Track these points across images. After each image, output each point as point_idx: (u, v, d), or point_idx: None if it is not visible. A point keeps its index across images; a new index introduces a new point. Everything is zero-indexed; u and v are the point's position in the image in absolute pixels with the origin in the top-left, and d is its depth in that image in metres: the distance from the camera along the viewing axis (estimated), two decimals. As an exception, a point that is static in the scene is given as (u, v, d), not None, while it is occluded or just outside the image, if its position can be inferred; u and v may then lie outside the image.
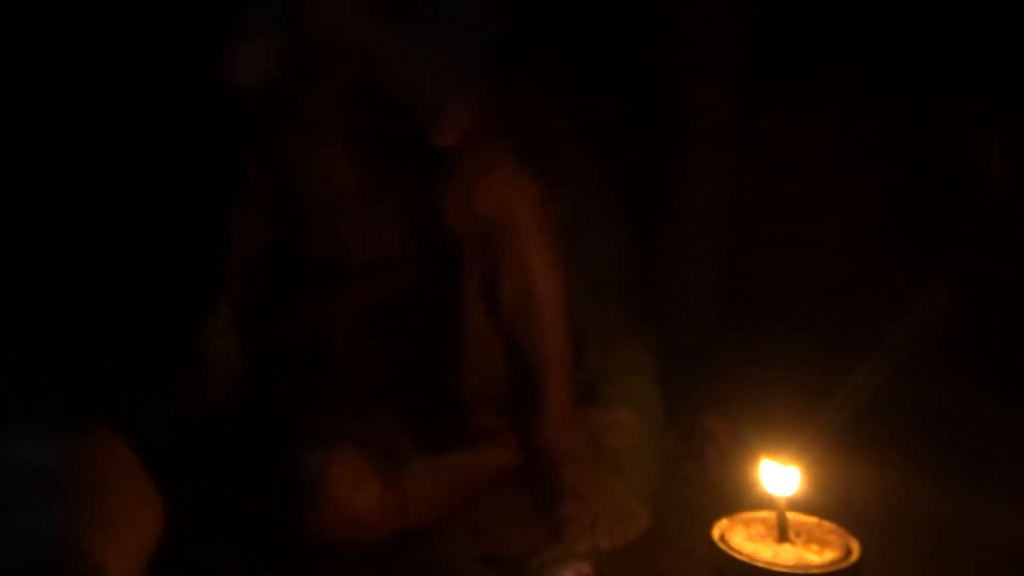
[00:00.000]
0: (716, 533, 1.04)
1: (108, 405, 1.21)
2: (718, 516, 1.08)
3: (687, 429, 1.53)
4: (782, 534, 1.03)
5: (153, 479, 1.01)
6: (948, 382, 1.69)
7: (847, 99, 1.94)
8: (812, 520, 1.06)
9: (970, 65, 1.84)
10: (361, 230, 1.39)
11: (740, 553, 1.00)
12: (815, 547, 1.02)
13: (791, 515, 1.05)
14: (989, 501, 1.37)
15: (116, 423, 1.02)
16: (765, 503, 1.07)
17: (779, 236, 1.97)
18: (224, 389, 1.35)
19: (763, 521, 1.06)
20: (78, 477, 0.91)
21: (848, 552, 1.01)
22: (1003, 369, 1.69)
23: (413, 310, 1.40)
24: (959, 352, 1.72)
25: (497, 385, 1.42)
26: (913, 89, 1.89)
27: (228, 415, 1.34)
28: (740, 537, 1.03)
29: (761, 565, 0.98)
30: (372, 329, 1.40)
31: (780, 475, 1.05)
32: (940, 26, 1.87)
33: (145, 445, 1.02)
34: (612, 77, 1.92)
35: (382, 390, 1.39)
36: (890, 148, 1.95)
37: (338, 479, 1.20)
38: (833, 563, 0.99)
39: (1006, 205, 1.83)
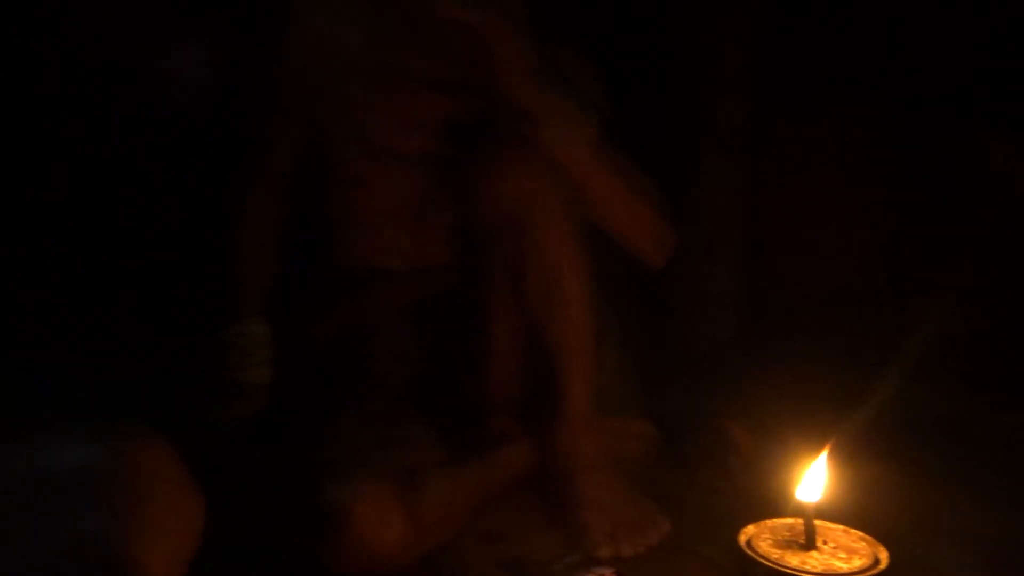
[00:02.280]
0: (743, 539, 1.03)
1: (138, 410, 1.20)
2: (741, 524, 1.08)
3: (708, 437, 1.52)
4: (809, 541, 1.02)
5: (194, 482, 1.00)
6: (969, 391, 1.67)
7: (863, 107, 1.94)
8: (839, 527, 1.05)
9: (984, 72, 1.84)
10: (410, 238, 1.39)
11: (767, 559, 0.99)
12: (843, 555, 1.01)
13: (818, 522, 1.04)
14: (1016, 512, 1.35)
15: (158, 426, 1.01)
16: (791, 510, 1.07)
17: (795, 244, 1.96)
18: (257, 396, 1.33)
19: (790, 528, 1.06)
20: (122, 481, 0.90)
21: (876, 561, 1.00)
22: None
23: (446, 312, 1.39)
24: (979, 361, 1.71)
25: (517, 387, 1.40)
26: (929, 96, 1.88)
27: (257, 420, 1.33)
28: (767, 543, 1.03)
29: (789, 571, 0.98)
30: (407, 332, 1.40)
31: (808, 482, 1.04)
32: (954, 32, 1.86)
33: (182, 449, 1.02)
34: (627, 83, 1.92)
35: (411, 393, 1.38)
36: (906, 156, 1.94)
37: (365, 519, 1.17)
38: (862, 571, 0.98)
39: (1021, 212, 1.82)
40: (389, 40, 1.34)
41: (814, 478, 1.05)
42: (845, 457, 1.11)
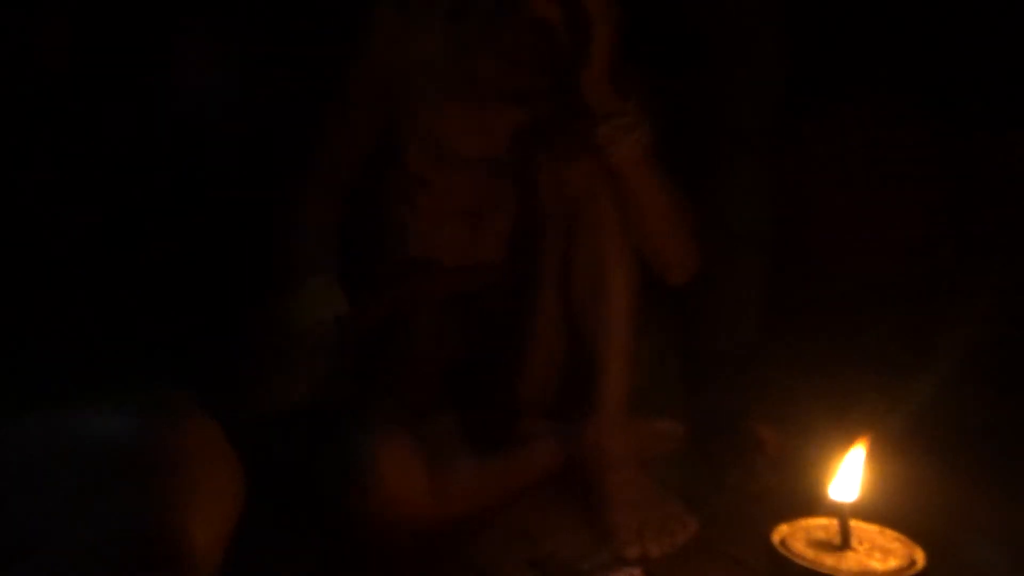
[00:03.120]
0: (776, 538, 1.02)
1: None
2: (768, 524, 1.06)
3: (736, 438, 1.51)
4: (844, 541, 1.01)
5: (236, 455, 1.00)
6: (1008, 391, 1.65)
7: (893, 107, 1.92)
8: (874, 528, 1.04)
9: (1016, 68, 1.81)
10: (465, 237, 1.43)
11: (802, 559, 0.98)
12: (878, 555, 1.00)
13: (853, 522, 1.03)
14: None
15: (200, 397, 1.01)
16: (825, 510, 1.05)
17: (823, 245, 1.94)
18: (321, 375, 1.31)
19: (824, 528, 1.04)
20: (164, 454, 0.90)
21: (912, 562, 0.99)
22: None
23: (490, 308, 1.43)
24: (1018, 360, 1.68)
25: (552, 387, 1.42)
26: (960, 96, 1.86)
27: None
28: (801, 543, 1.01)
29: (824, 572, 0.96)
30: (449, 323, 1.42)
31: (843, 480, 1.03)
32: (986, 33, 1.84)
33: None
34: (655, 84, 1.91)
35: (444, 386, 1.39)
36: (937, 156, 1.92)
37: (389, 459, 1.21)
38: (898, 571, 0.97)
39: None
40: (464, 47, 1.37)
41: (849, 476, 1.04)
42: (880, 456, 1.09)
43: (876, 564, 0.98)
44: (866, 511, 1.05)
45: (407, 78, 1.38)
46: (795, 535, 1.03)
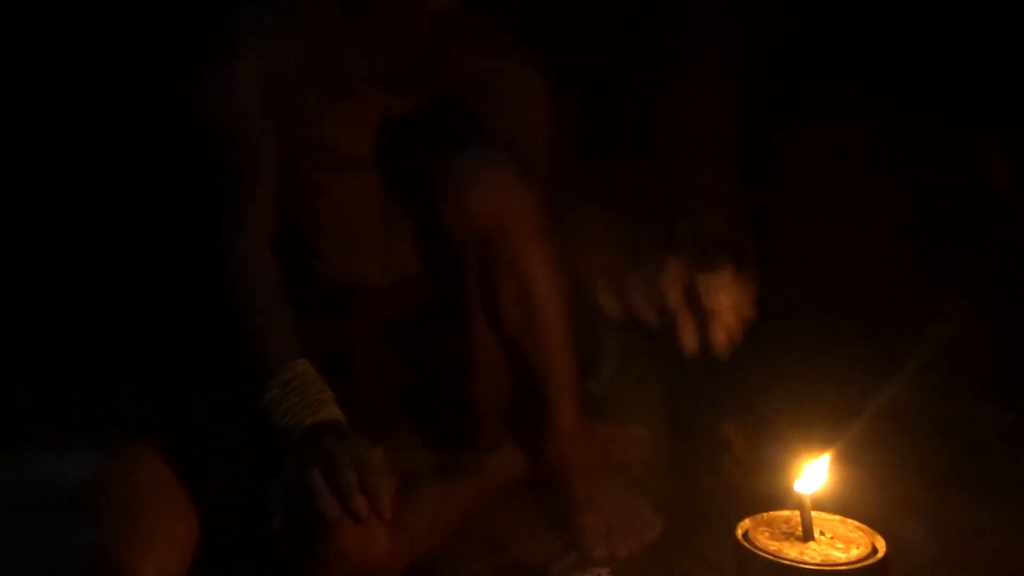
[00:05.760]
0: (739, 532, 1.03)
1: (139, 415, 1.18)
2: (732, 521, 1.07)
3: (703, 438, 1.51)
4: (807, 532, 1.02)
5: (189, 494, 0.99)
6: (965, 391, 1.67)
7: (859, 112, 1.94)
8: (836, 518, 1.05)
9: (984, 79, 1.84)
10: (381, 251, 1.39)
11: (765, 551, 0.99)
12: (841, 545, 1.00)
13: (815, 514, 1.04)
14: (1011, 509, 1.35)
15: (153, 436, 1.00)
16: (787, 504, 1.06)
17: (790, 249, 1.96)
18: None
19: (786, 520, 1.05)
20: (115, 493, 0.90)
21: (874, 550, 0.99)
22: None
23: (427, 324, 1.39)
24: (978, 362, 1.71)
25: (504, 395, 1.40)
26: (926, 102, 1.88)
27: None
28: (764, 536, 1.02)
29: (787, 563, 0.97)
30: (388, 345, 1.38)
31: (805, 473, 1.04)
32: (954, 40, 1.87)
33: (183, 459, 1.00)
34: (615, 88, 1.93)
35: (399, 404, 1.37)
36: (902, 162, 1.94)
37: (348, 533, 1.13)
38: (860, 560, 0.98)
39: (1017, 217, 1.82)
40: (331, 39, 1.32)
41: (811, 471, 1.05)
42: (843, 451, 1.10)
43: (839, 553, 0.99)
44: (829, 503, 1.06)
45: (283, 89, 1.31)
46: (758, 528, 1.04)
